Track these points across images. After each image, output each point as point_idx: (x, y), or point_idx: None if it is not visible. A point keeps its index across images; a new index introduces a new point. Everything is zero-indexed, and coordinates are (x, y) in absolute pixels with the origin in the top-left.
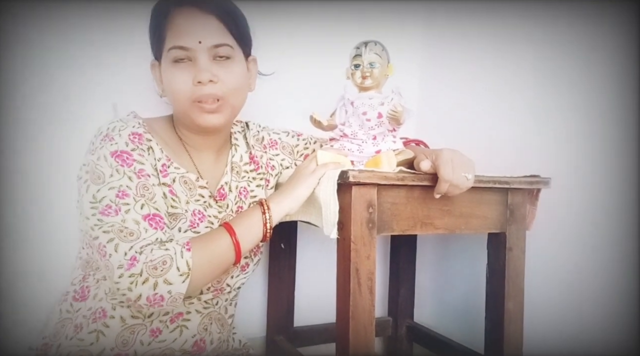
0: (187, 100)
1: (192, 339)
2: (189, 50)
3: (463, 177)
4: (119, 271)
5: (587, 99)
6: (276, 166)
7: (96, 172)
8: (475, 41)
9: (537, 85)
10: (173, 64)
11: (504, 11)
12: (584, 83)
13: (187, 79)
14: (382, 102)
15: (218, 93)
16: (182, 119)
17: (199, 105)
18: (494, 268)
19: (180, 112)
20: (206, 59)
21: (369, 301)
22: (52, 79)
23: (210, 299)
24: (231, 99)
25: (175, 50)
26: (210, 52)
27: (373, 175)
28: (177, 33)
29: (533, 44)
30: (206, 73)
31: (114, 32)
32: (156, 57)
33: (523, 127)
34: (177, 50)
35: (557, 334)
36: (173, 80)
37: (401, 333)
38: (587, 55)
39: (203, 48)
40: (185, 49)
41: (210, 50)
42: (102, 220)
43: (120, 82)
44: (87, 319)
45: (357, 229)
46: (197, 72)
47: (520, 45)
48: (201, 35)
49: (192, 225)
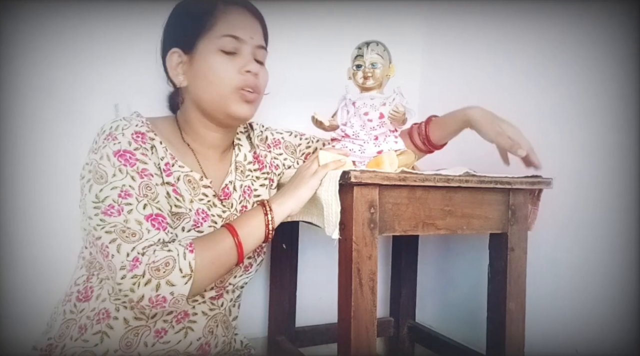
0: (231, 87)
1: (198, 342)
2: (240, 42)
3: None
4: (121, 272)
5: (589, 100)
6: (280, 165)
7: (99, 172)
8: (476, 41)
9: (537, 85)
10: (219, 52)
11: (505, 11)
12: (584, 83)
13: (233, 67)
14: (384, 103)
15: (259, 86)
16: (210, 107)
17: (241, 93)
18: (496, 268)
19: (213, 99)
20: (250, 54)
21: (371, 302)
22: (52, 79)
23: (215, 299)
24: (261, 97)
25: (229, 38)
26: (254, 51)
27: (375, 175)
28: (231, 24)
29: (534, 43)
30: (255, 65)
31: (115, 32)
32: (182, 47)
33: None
34: (231, 39)
35: (559, 334)
36: (218, 66)
37: (403, 333)
38: (588, 55)
39: (252, 44)
40: (238, 40)
41: (254, 49)
42: (105, 220)
43: (121, 83)
44: (91, 320)
45: (358, 229)
46: (247, 62)
47: (521, 45)
48: (252, 33)
49: (196, 224)
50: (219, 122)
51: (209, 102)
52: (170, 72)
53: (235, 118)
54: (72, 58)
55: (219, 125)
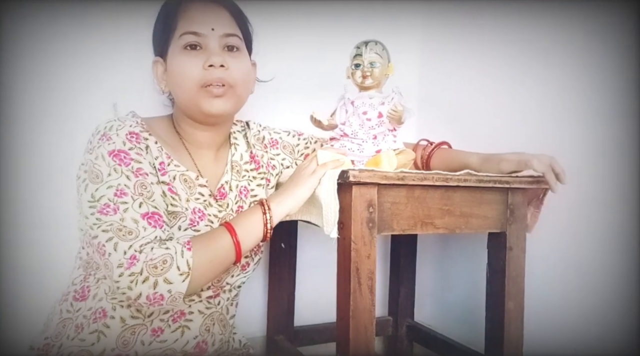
0: (196, 86)
1: (194, 340)
2: (201, 36)
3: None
4: (119, 270)
5: (589, 101)
6: (277, 166)
7: (94, 171)
8: (475, 41)
9: (537, 84)
10: (183, 51)
11: (505, 11)
12: (585, 83)
13: (197, 64)
14: (383, 102)
15: (227, 79)
16: (186, 109)
17: (207, 90)
18: (495, 267)
19: (186, 100)
20: (217, 46)
21: (369, 301)
22: (52, 79)
23: (212, 298)
24: (237, 89)
25: (187, 35)
26: (221, 41)
27: (373, 174)
28: (189, 20)
29: (534, 43)
30: (218, 57)
31: (113, 32)
32: (160, 54)
33: (524, 126)
34: (190, 35)
35: (558, 334)
36: (182, 66)
37: (401, 332)
38: (589, 54)
39: (215, 36)
40: (198, 35)
41: (221, 39)
42: (101, 219)
43: (120, 82)
44: (87, 319)
45: (357, 228)
46: (209, 56)
47: (521, 45)
48: (214, 24)
49: (192, 223)
50: (201, 121)
51: (184, 104)
52: (156, 81)
53: (211, 116)
54: (70, 57)
55: (204, 123)
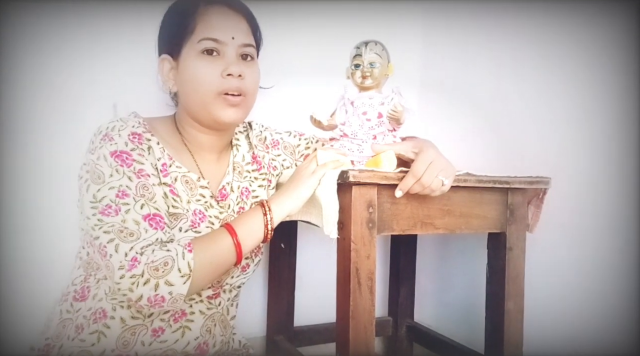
0: (212, 92)
1: (195, 341)
2: (220, 44)
3: (438, 180)
4: (120, 272)
5: (589, 101)
6: (278, 166)
7: (96, 172)
8: (475, 41)
9: (537, 85)
10: (200, 55)
11: (504, 11)
12: (585, 84)
13: (214, 71)
14: (382, 102)
15: (243, 88)
16: (196, 113)
17: (224, 98)
18: (494, 268)
19: (198, 105)
20: (235, 55)
21: (369, 301)
22: (52, 79)
23: (213, 298)
24: (250, 98)
25: (207, 41)
26: (239, 50)
27: (373, 175)
28: (209, 26)
29: (534, 43)
30: (237, 67)
31: (114, 32)
32: (169, 53)
33: (524, 126)
34: (209, 41)
35: (557, 334)
36: (199, 70)
37: (401, 333)
38: (589, 53)
39: (234, 44)
40: (218, 42)
41: (239, 48)
42: (102, 220)
43: (120, 82)
44: (87, 320)
45: (357, 229)
46: (228, 65)
47: (521, 45)
48: (234, 32)
49: (193, 224)
50: (209, 126)
51: (195, 108)
52: (162, 78)
53: (223, 124)
54: (70, 57)
55: (210, 128)
